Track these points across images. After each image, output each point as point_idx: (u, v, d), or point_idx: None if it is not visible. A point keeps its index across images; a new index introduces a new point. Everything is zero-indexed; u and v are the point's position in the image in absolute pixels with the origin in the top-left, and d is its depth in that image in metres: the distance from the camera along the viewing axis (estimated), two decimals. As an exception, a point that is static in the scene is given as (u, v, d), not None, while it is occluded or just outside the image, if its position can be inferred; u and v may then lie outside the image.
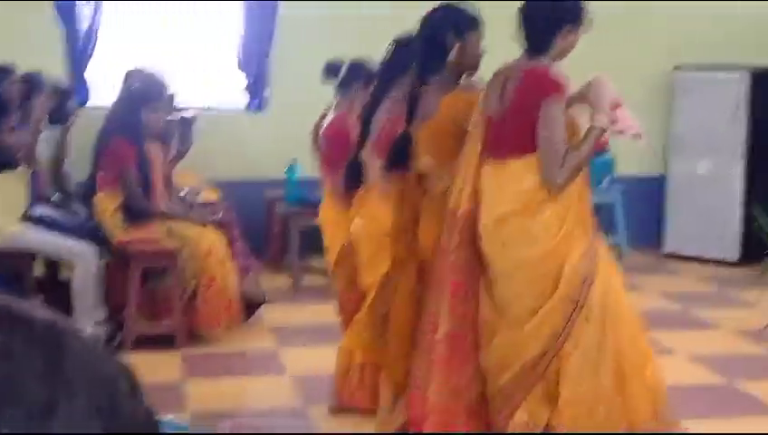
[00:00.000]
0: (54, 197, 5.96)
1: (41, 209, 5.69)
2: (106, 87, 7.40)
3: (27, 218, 5.59)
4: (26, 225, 5.55)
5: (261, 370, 5.39)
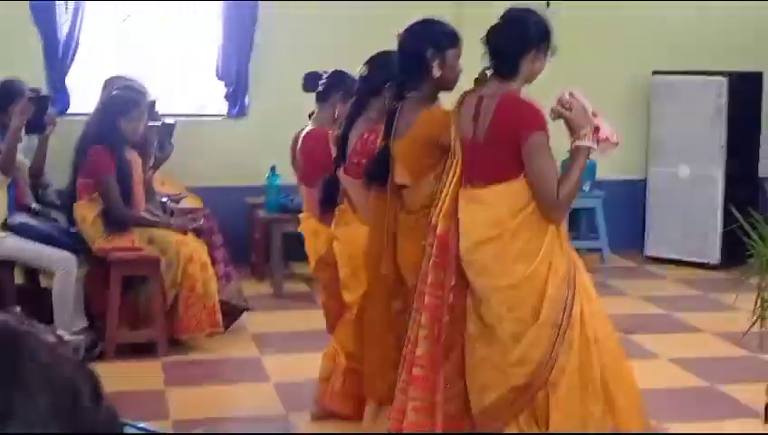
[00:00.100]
0: (34, 205, 5.92)
1: (20, 218, 5.65)
2: (87, 94, 7.37)
3: (7, 227, 5.55)
4: (6, 233, 5.52)
5: (243, 377, 5.37)
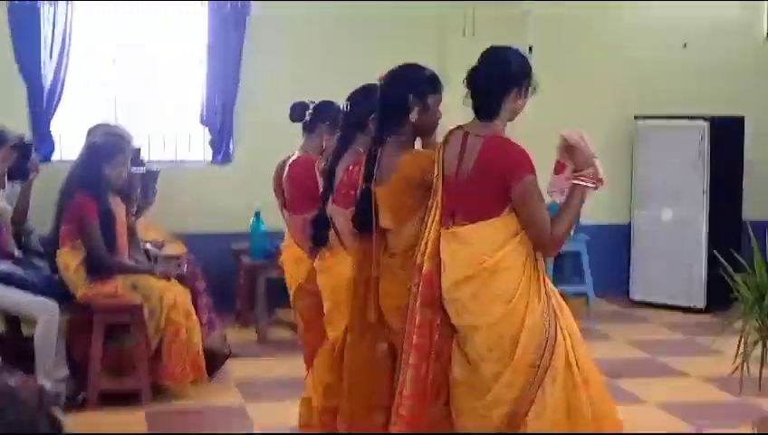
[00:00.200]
0: (17, 252, 5.88)
1: (2, 265, 5.61)
2: (71, 141, 7.37)
3: (-12, 275, 5.51)
4: (-12, 281, 5.48)
5: (227, 425, 5.31)
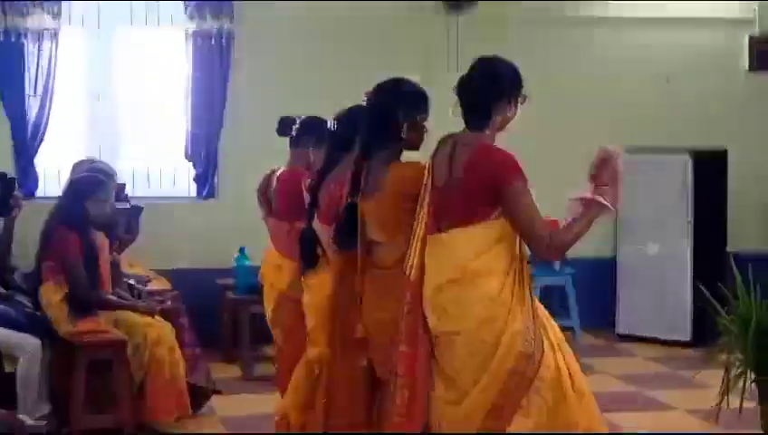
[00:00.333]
0: (0, 289, 5.85)
1: (-15, 302, 5.58)
2: (55, 177, 7.36)
3: (-30, 311, 5.48)
4: (-31, 318, 5.45)
5: (211, 462, 5.28)
